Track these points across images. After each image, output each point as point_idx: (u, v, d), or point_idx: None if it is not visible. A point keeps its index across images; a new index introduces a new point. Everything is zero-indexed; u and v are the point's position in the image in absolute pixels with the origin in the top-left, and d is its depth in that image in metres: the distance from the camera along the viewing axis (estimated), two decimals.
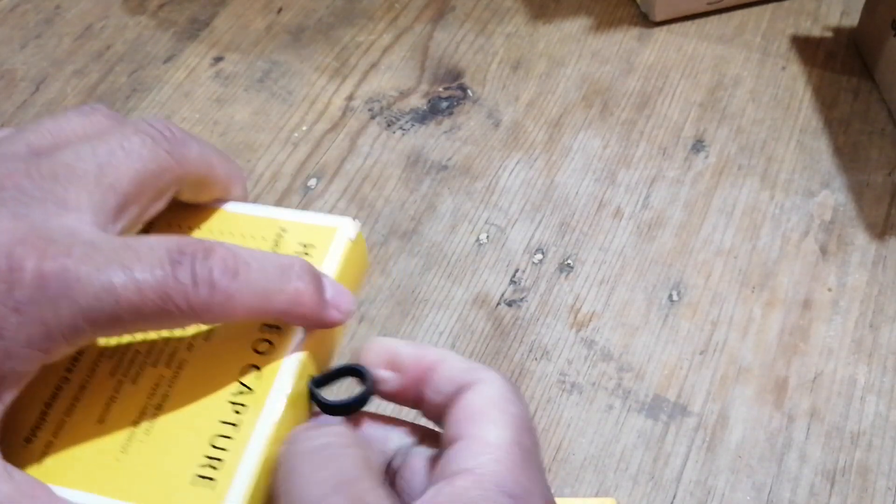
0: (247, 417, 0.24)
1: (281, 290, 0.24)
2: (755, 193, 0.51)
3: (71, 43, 0.60)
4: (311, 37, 0.60)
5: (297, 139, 0.55)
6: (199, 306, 0.22)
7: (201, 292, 0.22)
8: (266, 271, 0.24)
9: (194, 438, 0.24)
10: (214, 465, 0.23)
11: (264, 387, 0.25)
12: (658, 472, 0.41)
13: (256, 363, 0.25)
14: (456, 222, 0.50)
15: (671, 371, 0.44)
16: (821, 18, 0.60)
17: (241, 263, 0.23)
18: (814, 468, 0.41)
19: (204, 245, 0.23)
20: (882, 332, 0.45)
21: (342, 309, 0.26)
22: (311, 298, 0.25)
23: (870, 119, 0.54)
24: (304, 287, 0.24)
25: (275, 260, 0.24)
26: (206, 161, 0.27)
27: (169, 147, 0.25)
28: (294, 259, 0.25)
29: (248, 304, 0.23)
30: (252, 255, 0.24)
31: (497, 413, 0.24)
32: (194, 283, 0.22)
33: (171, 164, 0.25)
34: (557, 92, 0.56)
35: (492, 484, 0.22)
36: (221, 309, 0.23)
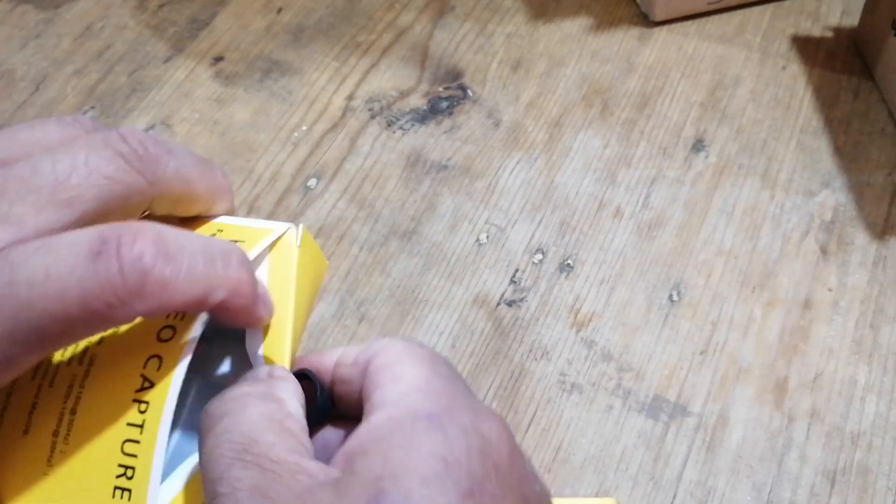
0: (149, 416, 0.22)
1: (223, 276, 0.22)
2: (755, 193, 0.51)
3: (71, 43, 0.60)
4: (311, 37, 0.60)
5: (297, 139, 0.55)
6: (129, 297, 0.20)
7: (130, 281, 0.20)
8: (206, 255, 0.22)
9: (106, 446, 0.22)
10: (128, 475, 0.22)
11: (164, 381, 0.23)
12: (658, 472, 0.41)
13: (159, 353, 0.23)
14: (456, 222, 0.50)
15: (671, 371, 0.44)
16: (821, 18, 0.60)
17: (175, 246, 0.21)
18: (814, 468, 0.41)
19: (131, 227, 0.21)
20: (882, 332, 0.45)
21: (269, 308, 0.24)
22: (249, 290, 0.23)
23: (870, 119, 0.54)
24: (244, 276, 0.23)
25: (215, 243, 0.22)
26: (184, 179, 0.24)
27: (141, 166, 0.23)
28: (233, 245, 0.23)
29: (186, 291, 0.21)
30: (189, 237, 0.22)
31: (406, 358, 0.23)
32: (121, 272, 0.20)
33: (142, 185, 0.23)
34: (557, 92, 0.56)
35: (404, 413, 0.21)
36: (157, 298, 0.20)
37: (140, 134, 0.24)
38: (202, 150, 0.54)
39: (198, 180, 0.25)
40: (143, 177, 0.23)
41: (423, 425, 0.21)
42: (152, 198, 0.24)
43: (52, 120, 0.24)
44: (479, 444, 0.21)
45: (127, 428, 0.22)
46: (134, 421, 0.22)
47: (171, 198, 0.24)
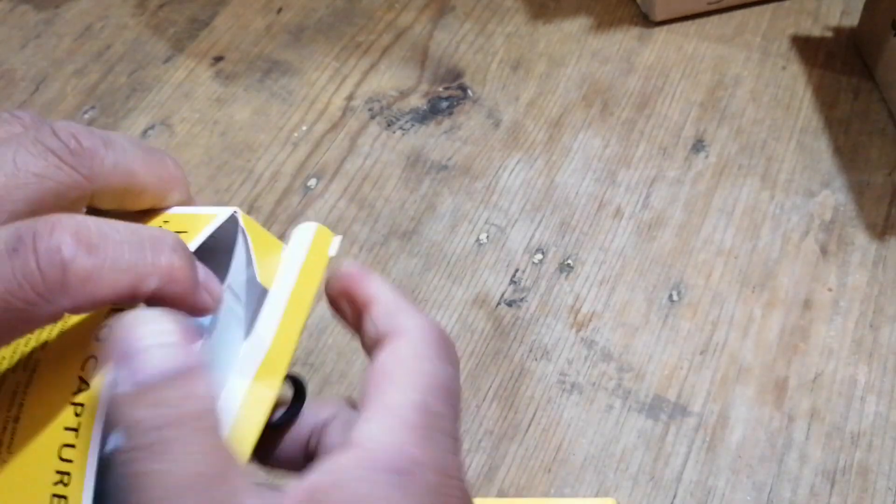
0: (84, 420, 0.21)
1: (153, 264, 0.20)
2: (755, 193, 0.51)
3: (71, 43, 0.60)
4: (311, 37, 0.60)
5: (297, 139, 0.55)
6: (50, 294, 0.19)
7: (50, 276, 0.19)
8: (133, 243, 0.20)
9: (44, 453, 0.21)
10: (64, 481, 0.21)
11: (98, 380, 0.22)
12: (658, 472, 0.41)
13: (96, 353, 0.22)
14: (456, 222, 0.50)
15: (671, 371, 0.44)
16: (821, 18, 0.60)
17: (97, 236, 0.20)
18: (814, 468, 0.41)
19: (49, 220, 0.19)
20: (882, 332, 0.45)
21: (214, 295, 0.23)
22: (186, 276, 0.21)
23: (870, 119, 0.54)
24: (178, 262, 0.21)
25: (144, 230, 0.21)
26: (125, 171, 0.23)
27: (74, 161, 0.22)
28: (166, 231, 0.22)
29: (112, 282, 0.20)
30: (114, 226, 0.20)
31: (403, 374, 0.22)
32: (39, 267, 0.19)
33: (77, 181, 0.22)
34: (557, 92, 0.56)
35: (373, 462, 0.20)
36: (81, 291, 0.19)
37: (73, 127, 0.22)
38: (202, 149, 0.54)
39: (143, 172, 0.23)
40: (77, 172, 0.22)
41: (387, 480, 0.20)
42: (91, 193, 0.22)
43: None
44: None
45: (64, 433, 0.21)
46: (70, 425, 0.21)
47: (113, 192, 0.23)
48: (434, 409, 0.22)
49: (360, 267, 0.25)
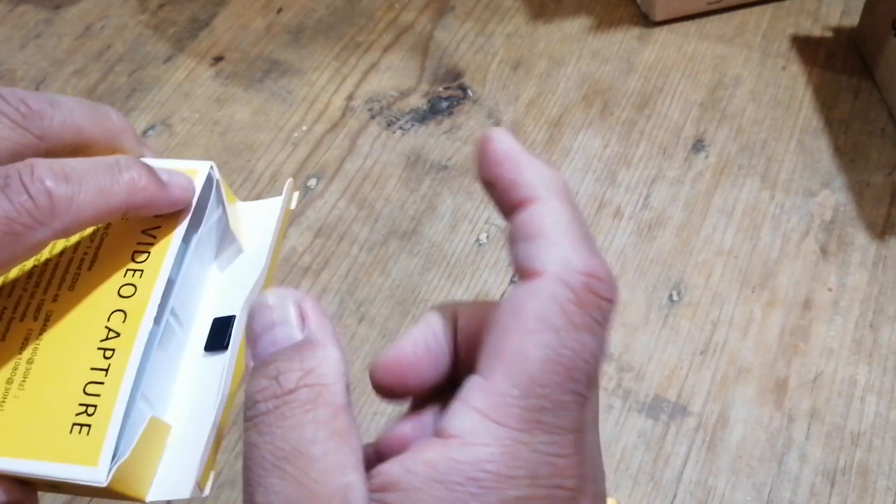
0: (115, 362, 0.24)
1: (116, 181, 0.24)
2: (755, 193, 0.51)
3: (71, 43, 0.60)
4: (311, 37, 0.60)
5: (297, 139, 0.55)
6: (44, 217, 0.22)
7: (40, 202, 0.22)
8: (96, 171, 0.24)
9: (67, 388, 0.24)
10: (89, 412, 0.24)
11: (130, 331, 0.25)
12: (658, 472, 0.41)
13: (122, 308, 0.25)
14: (456, 222, 0.50)
15: (671, 371, 0.44)
16: (821, 18, 0.60)
17: (68, 168, 0.23)
18: (814, 468, 0.41)
19: (26, 163, 0.23)
20: (882, 332, 0.45)
21: (182, 185, 0.26)
22: (149, 182, 0.25)
23: (870, 119, 0.54)
24: (136, 175, 0.25)
25: (100, 161, 0.25)
26: (73, 127, 0.26)
27: (25, 122, 0.24)
28: (118, 156, 0.25)
29: (91, 202, 0.23)
30: (77, 161, 0.24)
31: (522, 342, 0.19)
32: (30, 196, 0.22)
33: (30, 141, 0.24)
34: (557, 92, 0.56)
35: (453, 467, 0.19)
36: (67, 213, 0.23)
37: (21, 92, 0.25)
38: (202, 149, 0.54)
39: (89, 127, 0.26)
40: (29, 132, 0.24)
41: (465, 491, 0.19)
42: (44, 151, 0.25)
43: None
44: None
45: (91, 372, 0.24)
46: (99, 366, 0.24)
47: (64, 148, 0.26)
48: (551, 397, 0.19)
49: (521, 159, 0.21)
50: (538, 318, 0.19)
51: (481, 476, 0.18)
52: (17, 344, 0.25)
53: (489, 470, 0.18)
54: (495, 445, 0.19)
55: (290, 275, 0.48)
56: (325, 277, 0.48)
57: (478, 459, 0.18)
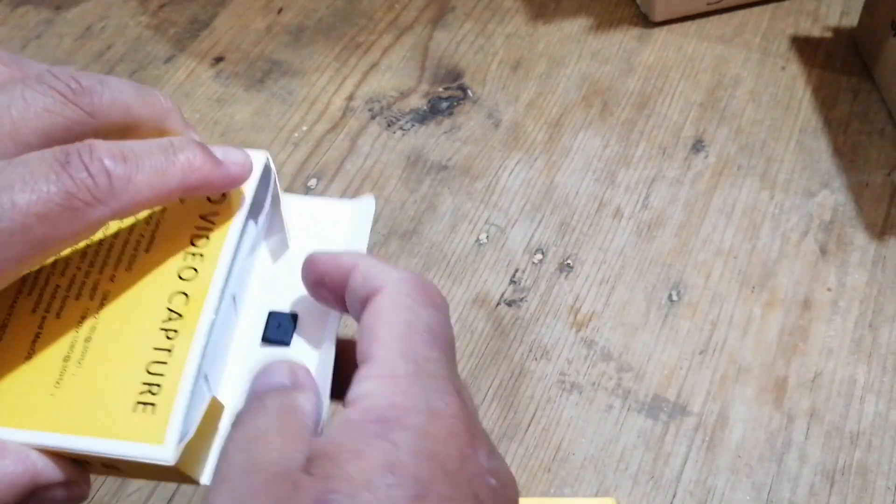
0: (179, 343, 0.24)
1: (171, 163, 0.24)
2: (755, 193, 0.51)
3: (71, 43, 0.61)
4: (311, 37, 0.60)
5: (298, 139, 0.55)
6: (103, 195, 0.23)
7: (100, 181, 0.23)
8: (152, 152, 0.24)
9: (129, 366, 0.24)
10: (153, 391, 0.24)
11: (193, 313, 0.25)
12: (658, 471, 0.41)
13: (184, 290, 0.25)
14: (456, 222, 0.50)
15: (671, 371, 0.44)
16: (821, 18, 0.60)
17: (126, 150, 0.24)
18: (813, 468, 0.41)
19: (85, 143, 0.23)
20: (881, 332, 0.45)
21: (237, 162, 0.27)
22: (204, 161, 0.25)
23: (869, 119, 0.54)
24: (191, 155, 0.25)
25: (155, 142, 0.25)
26: (122, 105, 0.26)
27: (77, 99, 0.24)
28: (173, 137, 0.25)
29: (148, 183, 0.24)
30: (132, 143, 0.24)
31: (386, 327, 0.24)
32: (90, 174, 0.22)
33: (82, 117, 0.24)
34: (557, 92, 0.56)
35: (360, 417, 0.22)
36: (125, 193, 0.23)
37: (71, 70, 0.25)
38: None
39: (137, 106, 0.26)
40: (80, 108, 0.24)
41: (372, 431, 0.22)
42: (94, 128, 0.25)
43: None
44: (428, 447, 0.22)
45: (153, 352, 0.24)
46: (161, 346, 0.24)
47: (112, 126, 0.26)
48: (420, 353, 0.23)
49: (329, 251, 0.27)
50: (393, 308, 0.24)
51: (388, 414, 0.22)
52: (72, 322, 0.25)
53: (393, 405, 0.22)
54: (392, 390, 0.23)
55: None
56: None
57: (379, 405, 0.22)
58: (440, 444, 0.22)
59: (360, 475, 0.21)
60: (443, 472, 0.22)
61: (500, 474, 0.24)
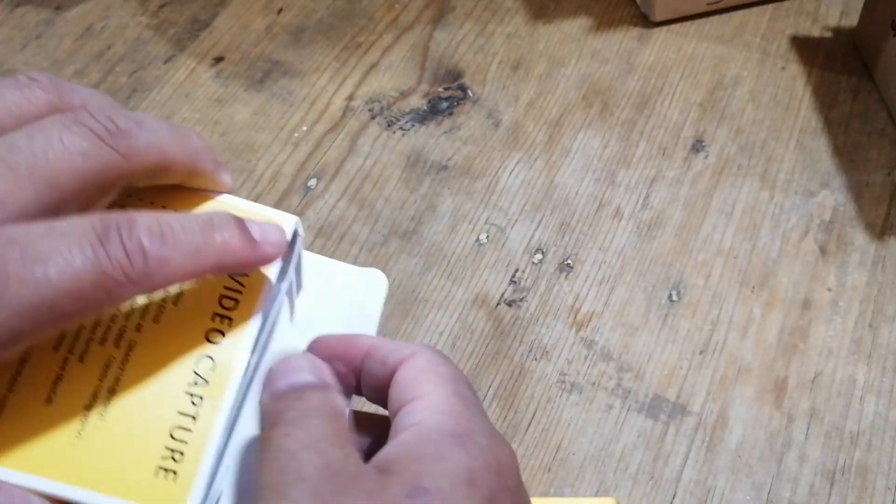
0: (204, 410, 0.24)
1: (208, 244, 0.24)
2: (755, 193, 0.51)
3: (71, 43, 0.61)
4: (311, 37, 0.60)
5: (298, 139, 0.55)
6: (136, 277, 0.22)
7: (136, 262, 0.22)
8: (190, 231, 0.24)
9: (153, 428, 0.24)
10: (175, 458, 0.23)
11: (220, 382, 0.25)
12: (658, 471, 0.41)
13: (211, 354, 0.25)
14: (456, 222, 0.50)
15: (671, 371, 0.44)
16: (820, 19, 0.60)
17: (165, 228, 0.23)
18: (813, 468, 0.41)
19: (126, 216, 0.23)
20: (881, 331, 0.45)
21: (274, 243, 0.26)
22: (240, 243, 0.25)
23: (869, 119, 0.54)
24: (229, 236, 0.25)
25: (196, 218, 0.24)
26: (157, 148, 0.25)
27: (114, 142, 0.24)
28: (213, 213, 0.25)
29: (182, 265, 0.23)
30: (174, 218, 0.24)
31: (431, 375, 0.26)
32: (126, 254, 0.22)
33: (117, 161, 0.24)
34: (557, 92, 0.56)
35: (435, 430, 0.24)
36: (159, 275, 0.23)
37: (108, 108, 0.25)
38: None
39: (172, 147, 0.26)
40: (116, 152, 0.24)
41: (448, 441, 0.24)
42: (129, 172, 0.25)
43: (7, 82, 0.24)
44: (496, 465, 0.24)
45: (178, 416, 0.24)
46: (186, 411, 0.24)
47: (148, 169, 0.25)
48: (464, 394, 0.26)
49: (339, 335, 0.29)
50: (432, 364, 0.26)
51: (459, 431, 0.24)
52: (96, 369, 0.24)
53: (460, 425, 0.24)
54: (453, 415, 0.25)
55: None
56: None
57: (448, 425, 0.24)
58: (504, 467, 0.25)
59: (445, 475, 0.23)
60: (508, 491, 0.24)
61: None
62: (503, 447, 0.25)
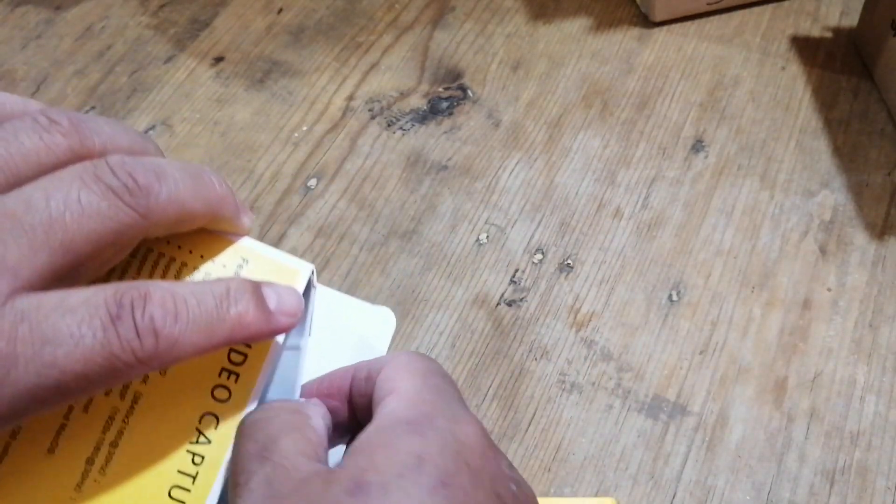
0: (204, 470, 0.24)
1: (222, 319, 0.23)
2: (755, 193, 0.51)
3: (71, 43, 0.61)
4: (311, 37, 0.60)
5: (298, 139, 0.55)
6: (146, 358, 0.22)
7: (146, 343, 0.21)
8: (205, 305, 0.23)
9: (152, 487, 0.23)
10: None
11: (222, 442, 0.24)
12: (658, 471, 0.41)
13: (215, 412, 0.25)
14: (456, 222, 0.50)
15: (671, 371, 0.44)
16: (820, 19, 0.60)
17: (179, 304, 0.22)
18: (813, 468, 0.41)
19: (140, 291, 0.22)
20: (881, 331, 0.45)
21: (289, 312, 0.25)
22: (255, 317, 0.24)
23: (869, 119, 0.54)
24: (244, 309, 0.24)
25: (211, 290, 0.24)
26: (177, 202, 0.24)
27: (133, 201, 0.23)
28: (229, 282, 0.24)
29: (194, 342, 0.23)
30: (190, 291, 0.23)
31: (404, 373, 0.26)
32: (137, 335, 0.21)
33: (135, 220, 0.23)
34: (557, 92, 0.56)
35: (391, 419, 0.24)
36: (169, 355, 0.22)
37: (128, 162, 0.23)
38: (202, 150, 0.54)
39: (192, 199, 0.25)
40: (135, 211, 0.23)
41: (403, 429, 0.24)
42: (148, 229, 0.24)
43: (26, 124, 0.23)
44: (454, 444, 0.24)
45: (177, 475, 0.24)
46: (186, 471, 0.24)
47: (167, 223, 0.24)
48: (439, 385, 0.26)
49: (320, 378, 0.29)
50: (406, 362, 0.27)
51: (417, 418, 0.24)
52: (100, 421, 0.24)
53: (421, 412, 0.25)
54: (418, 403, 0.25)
55: None
56: (326, 277, 0.48)
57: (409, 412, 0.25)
58: (465, 445, 0.24)
59: (391, 464, 0.23)
60: (467, 468, 0.23)
61: (522, 486, 0.26)
62: (466, 426, 0.25)
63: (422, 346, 0.46)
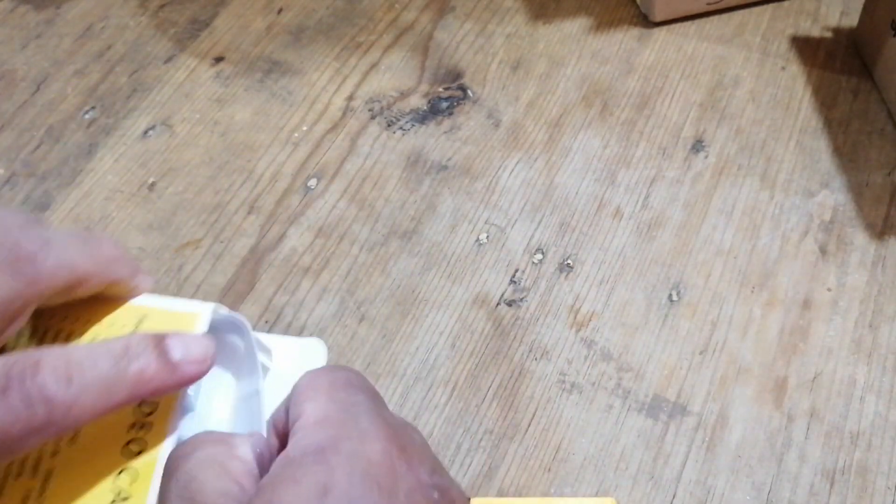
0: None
1: (121, 378, 0.23)
2: (755, 193, 0.51)
3: (71, 43, 0.61)
4: (311, 37, 0.60)
5: (298, 139, 0.55)
6: (40, 426, 0.21)
7: (38, 412, 0.21)
8: (101, 365, 0.23)
9: None
10: None
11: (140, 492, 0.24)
12: (658, 471, 0.41)
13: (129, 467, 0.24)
14: (456, 222, 0.50)
15: (671, 371, 0.44)
16: (820, 18, 0.60)
17: (73, 367, 0.22)
18: (813, 468, 0.41)
19: (31, 359, 0.22)
20: (881, 331, 0.45)
21: (197, 360, 0.25)
22: (157, 369, 0.24)
23: (869, 119, 0.54)
24: (144, 364, 0.23)
25: (108, 349, 0.23)
26: (67, 267, 0.24)
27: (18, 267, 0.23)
28: (130, 339, 0.24)
29: (92, 404, 0.22)
30: (85, 354, 0.23)
31: (309, 392, 0.26)
32: (28, 405, 0.21)
33: (21, 289, 0.23)
34: (557, 92, 0.56)
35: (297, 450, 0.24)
36: (66, 419, 0.22)
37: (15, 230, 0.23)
38: (202, 150, 0.54)
39: (82, 262, 0.25)
40: (21, 280, 0.23)
41: (308, 459, 0.23)
42: (38, 296, 0.23)
43: None
44: (361, 466, 0.23)
45: None
46: None
47: (57, 289, 0.24)
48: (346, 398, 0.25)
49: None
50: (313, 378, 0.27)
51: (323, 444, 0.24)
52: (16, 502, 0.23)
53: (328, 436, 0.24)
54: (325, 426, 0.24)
55: (290, 275, 0.48)
56: (326, 277, 0.48)
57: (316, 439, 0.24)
58: (373, 464, 0.23)
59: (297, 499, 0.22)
60: (377, 488, 0.23)
61: (449, 490, 0.25)
62: (374, 443, 0.24)
63: (422, 346, 0.46)
